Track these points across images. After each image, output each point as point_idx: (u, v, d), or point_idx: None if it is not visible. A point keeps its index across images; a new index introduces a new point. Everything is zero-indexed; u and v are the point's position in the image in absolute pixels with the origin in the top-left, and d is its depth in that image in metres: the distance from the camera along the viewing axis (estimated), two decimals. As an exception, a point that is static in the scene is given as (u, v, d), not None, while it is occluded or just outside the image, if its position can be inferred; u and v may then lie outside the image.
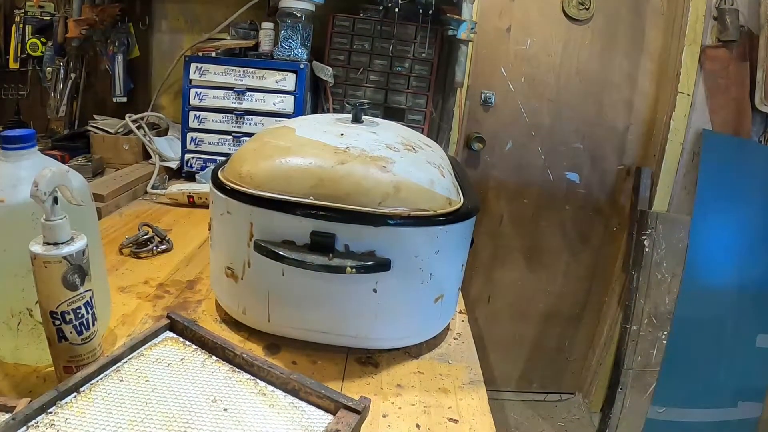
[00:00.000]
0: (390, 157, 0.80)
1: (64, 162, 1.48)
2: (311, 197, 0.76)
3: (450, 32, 1.68)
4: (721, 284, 2.18)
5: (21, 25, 1.94)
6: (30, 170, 0.67)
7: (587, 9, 2.12)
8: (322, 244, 0.75)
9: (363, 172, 0.77)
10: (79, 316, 0.66)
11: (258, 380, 0.70)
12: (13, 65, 1.98)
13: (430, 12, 1.60)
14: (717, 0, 2.02)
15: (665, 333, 2.20)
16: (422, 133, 1.75)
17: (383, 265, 0.76)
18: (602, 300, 2.44)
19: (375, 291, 0.78)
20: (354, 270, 0.74)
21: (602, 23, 2.15)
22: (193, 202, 1.46)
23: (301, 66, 1.62)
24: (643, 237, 2.16)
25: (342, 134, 0.85)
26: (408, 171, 0.79)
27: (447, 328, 0.95)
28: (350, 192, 0.75)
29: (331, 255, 0.75)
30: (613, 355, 2.34)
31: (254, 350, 0.83)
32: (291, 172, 0.78)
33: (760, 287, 2.19)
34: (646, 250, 2.16)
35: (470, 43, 1.75)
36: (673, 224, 2.16)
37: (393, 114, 1.78)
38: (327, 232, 0.75)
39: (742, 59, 2.06)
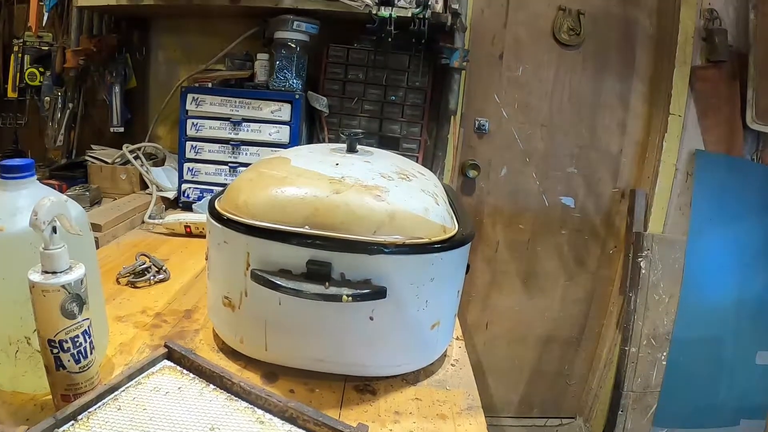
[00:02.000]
0: (384, 186, 0.81)
1: (61, 191, 1.49)
2: (307, 226, 0.76)
3: (443, 60, 1.70)
4: (718, 303, 2.19)
5: (20, 55, 1.96)
6: (29, 199, 0.68)
7: (578, 34, 2.15)
8: (318, 272, 0.76)
9: (358, 201, 0.78)
10: (77, 344, 0.67)
11: (256, 408, 0.71)
12: (11, 94, 1.99)
13: (423, 41, 1.63)
14: (705, 21, 2.06)
15: (664, 354, 2.20)
16: (417, 161, 1.77)
17: (379, 293, 0.76)
18: (601, 323, 2.44)
19: (371, 318, 0.79)
20: (350, 298, 0.74)
21: (593, 47, 2.18)
22: (190, 232, 1.47)
23: (297, 96, 1.64)
24: (640, 259, 2.17)
25: (337, 164, 0.86)
26: (402, 199, 0.80)
27: (444, 355, 0.96)
28: (345, 221, 0.76)
29: (327, 284, 0.76)
30: (613, 377, 2.33)
31: (252, 379, 0.83)
32: (287, 201, 0.79)
33: (758, 304, 2.19)
34: (643, 271, 2.17)
35: (463, 71, 1.78)
36: (669, 245, 2.17)
37: (388, 143, 1.79)
38: (323, 260, 0.76)
39: (732, 78, 2.09)
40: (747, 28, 2.06)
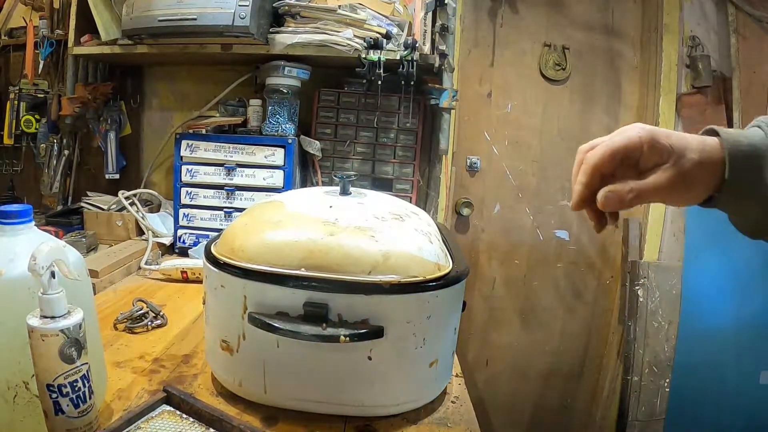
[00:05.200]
0: (378, 227, 0.82)
1: (57, 238, 1.50)
2: (303, 269, 0.77)
3: (432, 101, 1.73)
4: (718, 326, 2.19)
5: (15, 102, 2.00)
6: (27, 245, 0.68)
7: (564, 69, 2.20)
8: (315, 314, 0.77)
9: (352, 242, 0.79)
10: (76, 389, 0.67)
11: (256, 453, 0.70)
12: (7, 141, 2.03)
13: (412, 83, 1.65)
14: (688, 48, 2.11)
15: (667, 381, 2.19)
16: (410, 201, 1.78)
17: (376, 333, 0.77)
18: (601, 354, 2.43)
19: (369, 358, 0.79)
20: (348, 339, 0.75)
21: (579, 81, 2.22)
22: (186, 278, 1.47)
23: (289, 141, 1.66)
24: (637, 287, 2.18)
25: (331, 206, 0.88)
26: (396, 239, 0.81)
27: (444, 392, 0.95)
28: (341, 262, 0.77)
29: (324, 325, 0.76)
30: (616, 408, 2.31)
31: (252, 422, 0.82)
32: (282, 245, 0.80)
33: (758, 324, 2.19)
34: (641, 299, 2.17)
35: (453, 111, 1.80)
36: (665, 272, 2.18)
37: (381, 184, 1.81)
38: (320, 302, 0.77)
39: (717, 103, 2.13)
40: (729, 52, 2.11)
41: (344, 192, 0.97)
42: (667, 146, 0.64)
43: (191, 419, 0.75)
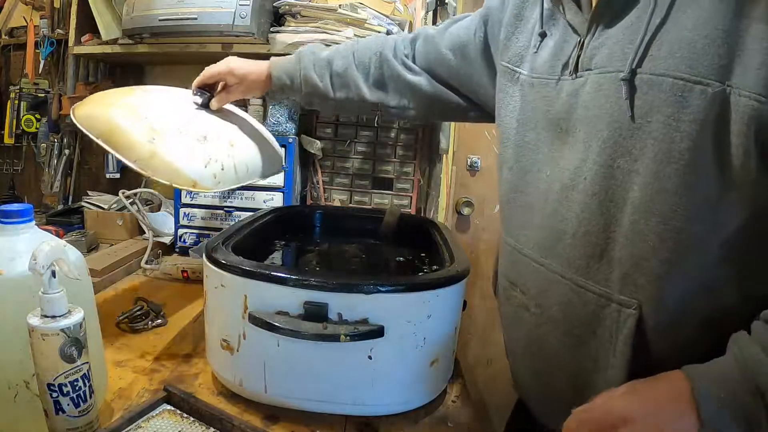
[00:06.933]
0: (166, 134, 0.93)
1: (58, 237, 1.50)
2: (100, 140, 0.88)
3: (433, 100, 1.72)
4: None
5: (16, 102, 2.00)
6: (27, 244, 0.69)
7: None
8: (315, 313, 0.77)
9: (137, 134, 0.90)
10: (77, 388, 0.67)
11: (256, 452, 0.70)
12: (8, 140, 2.03)
13: (414, 81, 1.64)
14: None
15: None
16: (411, 200, 1.78)
17: (377, 332, 0.77)
18: (602, 355, 2.42)
19: (370, 357, 0.79)
20: (348, 338, 0.75)
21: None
22: (187, 277, 1.47)
23: (290, 140, 1.65)
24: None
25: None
26: (170, 148, 0.91)
27: (445, 392, 0.96)
28: (119, 143, 0.89)
29: (324, 324, 0.76)
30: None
31: (252, 421, 0.82)
32: (93, 118, 0.92)
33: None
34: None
35: (454, 110, 1.79)
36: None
37: (381, 183, 1.80)
38: (320, 302, 0.77)
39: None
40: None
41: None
42: (238, 73, 1.14)
43: (192, 418, 0.76)
